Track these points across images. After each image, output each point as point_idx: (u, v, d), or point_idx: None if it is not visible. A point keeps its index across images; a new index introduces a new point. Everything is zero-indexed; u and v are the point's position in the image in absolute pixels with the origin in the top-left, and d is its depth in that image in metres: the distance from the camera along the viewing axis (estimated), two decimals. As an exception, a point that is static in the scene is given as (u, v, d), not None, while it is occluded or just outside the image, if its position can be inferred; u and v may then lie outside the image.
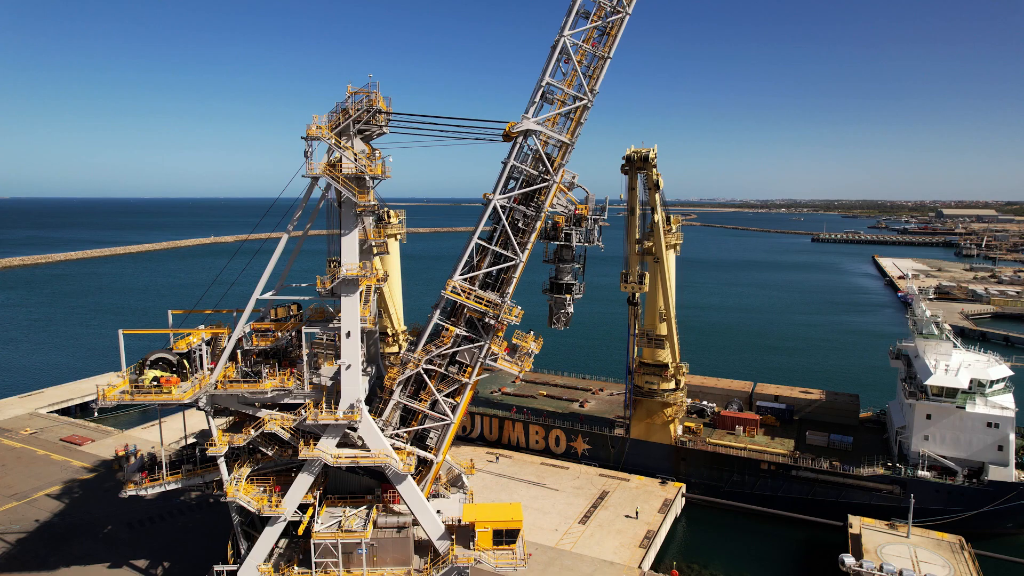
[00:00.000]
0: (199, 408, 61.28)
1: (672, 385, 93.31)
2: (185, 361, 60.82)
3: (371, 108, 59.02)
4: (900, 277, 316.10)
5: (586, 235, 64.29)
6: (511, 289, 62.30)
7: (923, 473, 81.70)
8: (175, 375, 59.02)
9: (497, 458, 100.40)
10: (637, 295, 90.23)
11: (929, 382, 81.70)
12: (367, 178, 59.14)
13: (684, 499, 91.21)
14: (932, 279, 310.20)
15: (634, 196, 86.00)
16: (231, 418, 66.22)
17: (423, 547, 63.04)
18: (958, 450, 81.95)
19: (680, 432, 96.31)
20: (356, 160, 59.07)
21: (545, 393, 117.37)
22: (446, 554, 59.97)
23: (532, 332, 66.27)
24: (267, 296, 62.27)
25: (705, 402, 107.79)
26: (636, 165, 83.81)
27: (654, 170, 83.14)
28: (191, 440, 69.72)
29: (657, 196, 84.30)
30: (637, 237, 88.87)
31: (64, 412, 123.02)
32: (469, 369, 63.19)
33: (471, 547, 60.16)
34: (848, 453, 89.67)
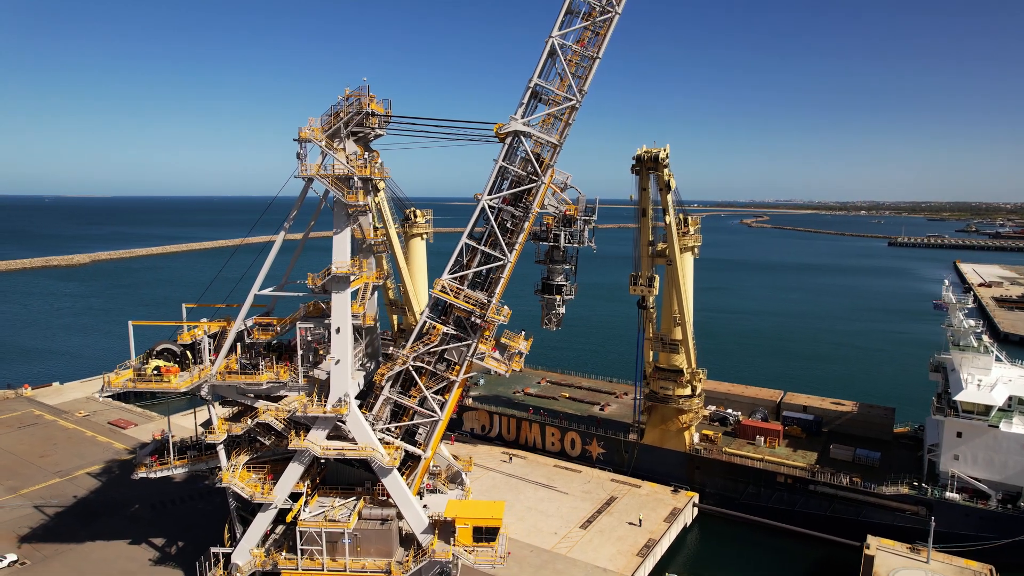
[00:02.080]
0: (202, 397, 64.74)
1: (688, 391, 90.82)
2: (188, 352, 64.19)
3: (361, 111, 60.54)
4: (981, 284, 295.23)
5: (576, 236, 63.82)
6: (499, 289, 62.51)
7: (951, 495, 76.30)
8: (176, 365, 62.37)
9: (511, 458, 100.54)
10: (651, 298, 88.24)
11: (958, 397, 76.21)
12: (356, 179, 60.67)
13: (696, 509, 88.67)
14: (1018, 287, 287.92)
15: (645, 197, 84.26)
16: (236, 408, 69.53)
17: (410, 540, 64.12)
18: (992, 472, 76.02)
19: (696, 440, 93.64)
20: (347, 162, 60.80)
21: (568, 395, 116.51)
22: (428, 548, 60.87)
23: (523, 332, 66.32)
24: (266, 292, 64.96)
25: (730, 410, 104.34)
26: (647, 165, 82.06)
27: (665, 170, 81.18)
28: (202, 429, 73.48)
29: (669, 197, 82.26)
30: (650, 239, 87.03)
31: (119, 398, 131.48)
32: (457, 367, 63.80)
33: (451, 542, 60.83)
34: (874, 470, 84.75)
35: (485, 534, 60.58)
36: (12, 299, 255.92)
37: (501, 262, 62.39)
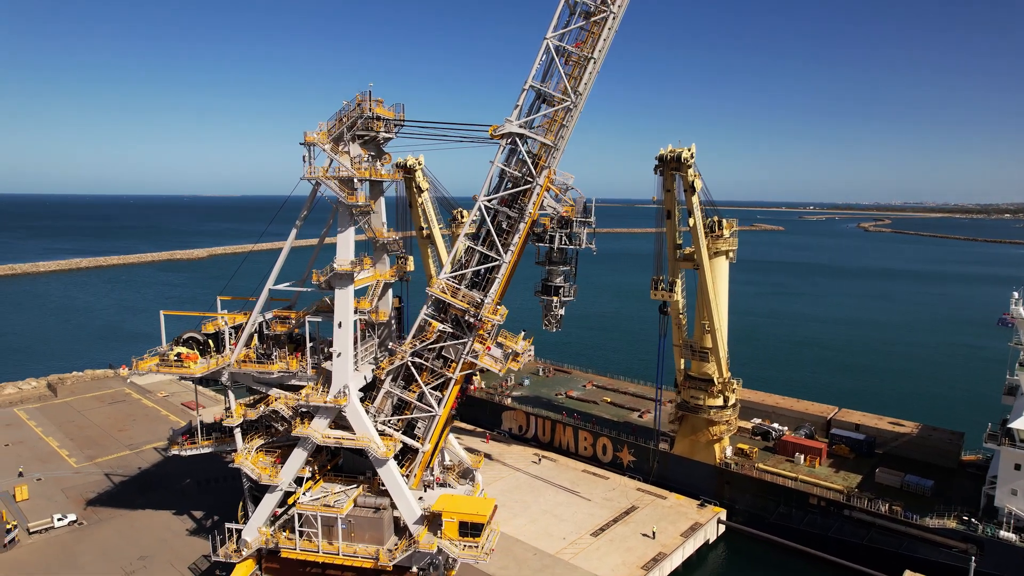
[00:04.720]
0: (222, 384, 70.02)
1: (719, 402, 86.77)
2: (211, 341, 69.53)
3: (362, 115, 62.94)
4: None
5: (573, 238, 63.08)
6: (496, 289, 62.90)
7: (1007, 534, 68.10)
8: (197, 352, 67.75)
9: (540, 459, 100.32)
10: (679, 303, 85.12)
11: (1014, 425, 67.89)
12: (356, 180, 63.23)
13: (723, 526, 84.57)
14: None
15: (670, 198, 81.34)
16: (257, 395, 74.33)
17: (406, 530, 65.86)
18: (1056, 511, 67.16)
19: (729, 453, 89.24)
20: (351, 164, 63.47)
21: (609, 400, 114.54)
22: (416, 538, 62.36)
23: (522, 332, 66.34)
24: (279, 287, 69.10)
25: (776, 424, 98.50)
26: (670, 166, 79.22)
27: (690, 171, 78.02)
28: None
29: (694, 199, 78.98)
30: (678, 242, 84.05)
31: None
32: (454, 364, 64.84)
33: (438, 535, 61.98)
34: (923, 498, 77.17)
35: (470, 529, 61.26)
36: (134, 288, 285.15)
37: (497, 262, 62.79)
